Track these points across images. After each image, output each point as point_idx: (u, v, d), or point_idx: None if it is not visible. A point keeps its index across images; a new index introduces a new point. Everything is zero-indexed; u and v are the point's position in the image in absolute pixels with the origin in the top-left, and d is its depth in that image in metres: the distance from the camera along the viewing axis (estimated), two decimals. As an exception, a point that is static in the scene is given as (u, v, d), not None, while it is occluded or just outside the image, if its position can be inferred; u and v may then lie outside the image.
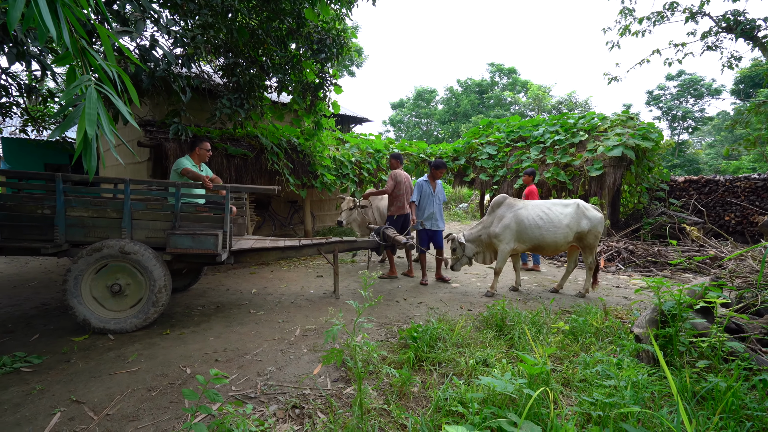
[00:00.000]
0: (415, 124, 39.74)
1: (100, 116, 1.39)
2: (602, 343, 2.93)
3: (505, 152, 9.00)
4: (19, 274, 5.70)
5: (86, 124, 1.33)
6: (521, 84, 34.22)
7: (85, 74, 1.44)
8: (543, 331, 3.17)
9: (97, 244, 3.29)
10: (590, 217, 4.41)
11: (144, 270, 3.38)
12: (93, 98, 1.36)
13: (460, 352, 2.79)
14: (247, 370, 2.70)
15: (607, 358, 2.22)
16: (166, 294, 3.44)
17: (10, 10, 1.16)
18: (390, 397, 2.24)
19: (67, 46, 1.38)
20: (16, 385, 2.47)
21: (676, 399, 1.26)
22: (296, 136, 7.01)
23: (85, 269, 3.28)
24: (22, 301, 4.33)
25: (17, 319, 3.76)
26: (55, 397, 2.33)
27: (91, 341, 3.18)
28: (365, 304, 2.06)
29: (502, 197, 4.60)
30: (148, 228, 3.54)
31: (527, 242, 4.46)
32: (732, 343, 2.06)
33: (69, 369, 2.70)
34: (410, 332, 2.89)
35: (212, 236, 3.48)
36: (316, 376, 2.60)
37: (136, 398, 2.31)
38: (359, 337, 3.16)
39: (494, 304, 3.51)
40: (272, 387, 2.45)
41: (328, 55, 5.88)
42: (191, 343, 3.18)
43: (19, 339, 3.24)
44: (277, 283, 5.28)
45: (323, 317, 3.81)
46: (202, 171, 4.26)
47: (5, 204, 3.31)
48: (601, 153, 7.67)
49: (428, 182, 5.36)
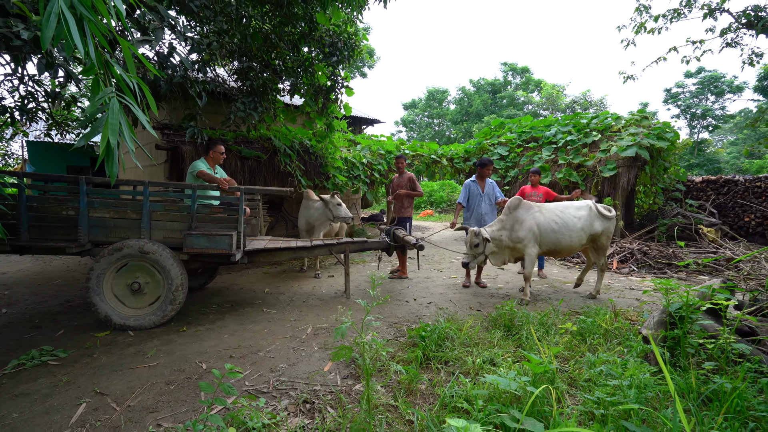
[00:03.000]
0: (428, 125, 39.66)
1: (121, 125, 1.48)
2: (610, 344, 2.93)
3: (517, 153, 8.96)
4: (43, 273, 5.95)
5: (109, 134, 1.42)
6: (534, 83, 33.84)
7: (108, 86, 1.54)
8: (551, 332, 3.18)
9: (118, 243, 3.43)
10: (603, 218, 4.38)
11: (162, 269, 3.51)
12: (115, 109, 1.46)
13: (468, 352, 2.83)
14: (260, 366, 2.80)
15: (612, 358, 2.23)
16: (182, 292, 3.56)
17: (44, 30, 1.26)
18: (398, 394, 2.30)
19: (92, 59, 1.48)
20: (44, 377, 2.61)
21: (674, 397, 1.29)
22: (308, 137, 7.13)
23: (107, 268, 3.43)
24: (48, 298, 4.53)
25: (43, 315, 3.94)
26: (80, 388, 2.46)
27: (112, 337, 3.32)
28: (373, 303, 2.12)
29: (518, 199, 4.50)
30: (166, 228, 3.67)
31: (543, 246, 4.41)
32: (739, 345, 2.05)
33: (92, 363, 2.84)
34: (419, 331, 2.94)
35: (227, 236, 3.60)
36: (327, 373, 2.68)
37: (156, 391, 2.42)
38: (369, 336, 3.23)
39: (503, 304, 3.54)
40: (284, 383, 2.53)
41: (339, 58, 5.97)
42: (207, 340, 3.29)
43: (45, 334, 3.41)
44: (290, 283, 5.39)
45: (334, 316, 3.89)
46: (216, 173, 4.39)
47: (32, 205, 3.48)
48: (614, 153, 7.58)
49: (476, 182, 5.23)
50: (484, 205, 5.15)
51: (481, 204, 5.16)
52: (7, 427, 2.07)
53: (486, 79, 35.80)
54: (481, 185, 5.23)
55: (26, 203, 3.41)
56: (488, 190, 5.21)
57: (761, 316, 3.02)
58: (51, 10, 1.28)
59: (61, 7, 1.30)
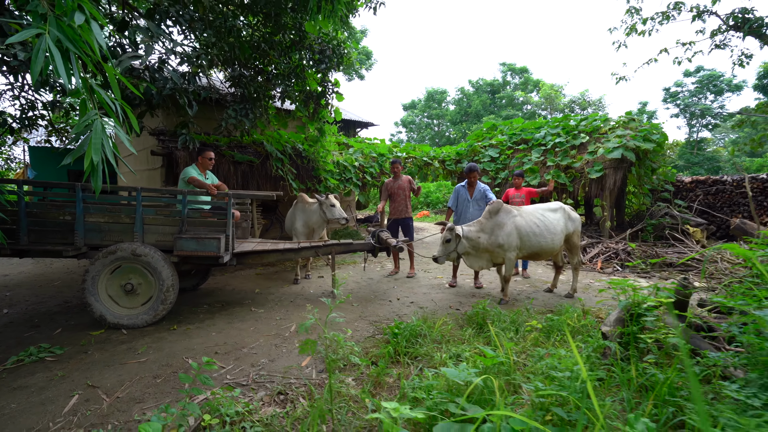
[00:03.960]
0: (427, 125, 39.85)
1: (104, 144, 1.67)
2: (575, 340, 3.10)
3: (507, 155, 9.12)
4: (44, 275, 6.17)
5: (92, 152, 1.61)
6: (533, 83, 33.97)
7: (93, 107, 1.73)
8: (520, 330, 3.35)
9: (112, 247, 3.63)
10: (573, 218, 4.55)
11: (154, 271, 3.70)
12: (98, 130, 1.65)
13: (438, 348, 3.00)
14: (243, 361, 2.99)
15: (557, 352, 2.40)
16: (173, 293, 3.76)
17: (33, 65, 1.45)
18: (366, 386, 2.48)
19: (78, 86, 1.67)
20: (41, 372, 2.81)
21: (586, 382, 1.46)
22: (301, 142, 7.32)
23: (102, 270, 3.63)
24: (47, 299, 4.74)
25: (42, 315, 4.15)
26: (74, 382, 2.66)
27: (106, 335, 3.52)
28: (337, 301, 2.30)
29: (499, 203, 4.52)
30: (158, 232, 3.87)
31: (525, 250, 4.44)
32: (672, 339, 2.22)
33: (86, 359, 3.03)
34: (392, 329, 3.12)
35: (215, 239, 3.79)
36: (304, 368, 2.87)
37: (143, 384, 2.62)
38: (349, 334, 3.42)
39: (477, 303, 3.72)
40: (263, 376, 2.72)
41: (328, 65, 6.15)
42: (195, 337, 3.49)
43: (43, 332, 3.61)
44: (280, 284, 5.58)
45: (317, 316, 4.07)
46: (207, 179, 4.59)
47: (32, 211, 3.69)
48: (601, 155, 7.74)
49: (465, 187, 5.36)
50: (471, 210, 5.28)
51: (469, 208, 5.30)
52: (5, 416, 2.26)
53: (485, 80, 35.96)
54: (470, 191, 5.38)
55: (25, 209, 3.61)
56: (477, 195, 5.32)
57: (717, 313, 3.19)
58: (39, 47, 1.47)
59: (48, 45, 1.49)
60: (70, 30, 1.60)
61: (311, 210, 5.59)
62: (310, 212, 5.60)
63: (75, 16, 1.60)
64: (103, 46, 1.64)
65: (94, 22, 1.67)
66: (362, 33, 21.98)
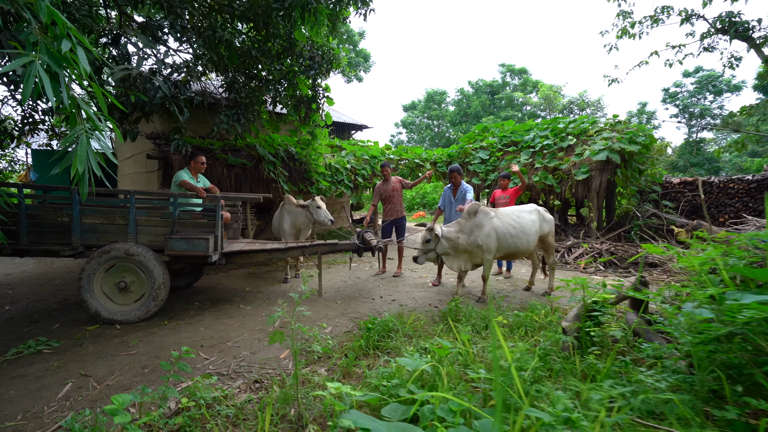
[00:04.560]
0: (427, 126, 40.03)
1: (89, 156, 1.89)
2: (537, 335, 3.29)
3: (497, 156, 9.31)
4: (45, 274, 6.41)
5: (78, 163, 1.83)
6: (532, 84, 34.08)
7: (79, 124, 1.94)
8: (489, 326, 3.54)
9: (107, 247, 3.86)
10: (548, 220, 4.73)
11: (146, 270, 3.93)
12: (83, 144, 1.87)
13: (408, 341, 3.20)
14: (226, 354, 3.20)
15: (516, 345, 2.60)
16: (164, 290, 3.98)
17: (24, 89, 1.67)
18: (335, 376, 2.68)
19: (65, 104, 1.88)
20: (38, 363, 3.04)
21: (510, 363, 1.66)
22: (293, 145, 7.53)
23: (97, 269, 3.85)
24: (47, 297, 4.98)
25: (42, 311, 4.38)
26: (68, 372, 2.88)
27: (101, 330, 3.74)
28: (303, 296, 2.50)
29: (477, 204, 4.64)
30: (150, 233, 4.09)
31: (502, 250, 4.60)
32: (614, 332, 2.41)
33: (81, 351, 3.26)
34: (366, 324, 3.33)
35: (204, 240, 4.01)
36: (282, 360, 3.08)
37: (132, 374, 2.83)
38: (327, 329, 3.63)
39: (450, 301, 3.91)
40: (243, 367, 2.93)
41: (318, 70, 6.36)
42: (184, 332, 3.70)
43: (42, 327, 3.84)
44: (270, 282, 5.80)
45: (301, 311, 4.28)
46: (198, 182, 4.81)
47: (32, 213, 3.92)
48: (587, 157, 7.91)
49: (450, 189, 5.55)
50: (454, 211, 5.46)
51: (453, 209, 5.49)
52: (5, 401, 2.49)
53: (484, 81, 36.11)
54: (453, 192, 5.57)
55: (25, 211, 3.84)
56: (459, 196, 5.49)
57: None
58: (30, 73, 1.69)
59: (38, 70, 1.71)
60: (59, 55, 1.81)
61: (298, 211, 5.81)
62: (296, 213, 5.82)
63: (63, 43, 1.81)
64: (88, 69, 1.85)
65: (80, 47, 1.88)
66: (360, 35, 22.21)
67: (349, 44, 21.80)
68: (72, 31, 1.88)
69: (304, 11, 3.88)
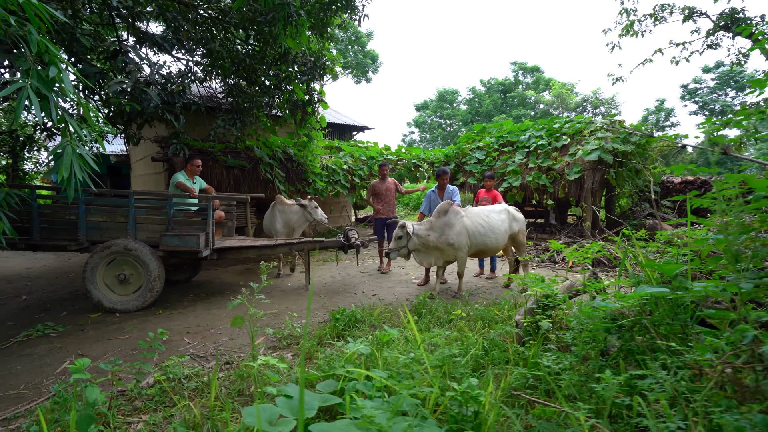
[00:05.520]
0: (439, 125, 40.05)
1: (73, 164, 2.23)
2: (494, 327, 3.51)
3: (493, 157, 9.45)
4: (61, 268, 6.94)
5: (63, 170, 2.17)
6: (545, 82, 33.67)
7: (65, 138, 2.29)
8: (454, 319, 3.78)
9: (108, 242, 4.26)
10: (518, 219, 4.91)
11: (143, 263, 4.31)
12: (68, 154, 2.21)
13: (371, 331, 3.47)
14: (208, 339, 3.54)
15: (465, 336, 2.84)
16: (159, 283, 4.36)
17: (17, 111, 2.02)
18: (296, 360, 2.98)
19: (54, 122, 2.23)
20: (44, 344, 3.44)
21: (419, 346, 1.92)
22: (291, 146, 7.88)
23: (99, 262, 4.26)
24: (60, 288, 5.45)
25: (54, 301, 4.84)
26: (68, 352, 3.27)
27: (102, 318, 4.15)
28: (262, 284, 2.80)
29: (447, 204, 4.82)
30: (148, 230, 4.48)
31: (472, 248, 4.77)
32: (543, 324, 2.62)
33: (82, 335, 3.65)
34: (334, 315, 3.61)
35: (195, 236, 4.37)
36: (258, 345, 3.39)
37: (122, 354, 3.20)
38: (305, 320, 3.93)
39: (418, 295, 4.16)
40: (220, 351, 3.26)
41: (311, 75, 6.68)
42: (175, 320, 4.07)
43: (52, 315, 4.27)
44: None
45: (285, 305, 4.61)
46: (195, 183, 5.19)
47: (43, 212, 4.35)
48: (579, 157, 7.99)
49: (436, 192, 5.75)
50: None
51: None
52: (12, 374, 2.88)
53: (496, 79, 35.88)
54: (440, 194, 5.77)
55: (38, 210, 4.28)
56: (446, 197, 5.67)
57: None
58: (22, 97, 2.03)
59: (29, 94, 2.05)
60: (47, 80, 2.16)
61: (291, 211, 6.12)
62: (289, 213, 6.13)
63: (50, 69, 2.16)
64: (71, 90, 2.19)
65: (66, 71, 2.22)
66: (368, 36, 22.50)
67: (357, 45, 22.12)
68: (59, 58, 2.22)
69: (286, 23, 4.18)
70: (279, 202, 6.21)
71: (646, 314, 2.27)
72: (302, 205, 6.05)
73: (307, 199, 6.15)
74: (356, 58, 21.88)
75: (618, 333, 2.22)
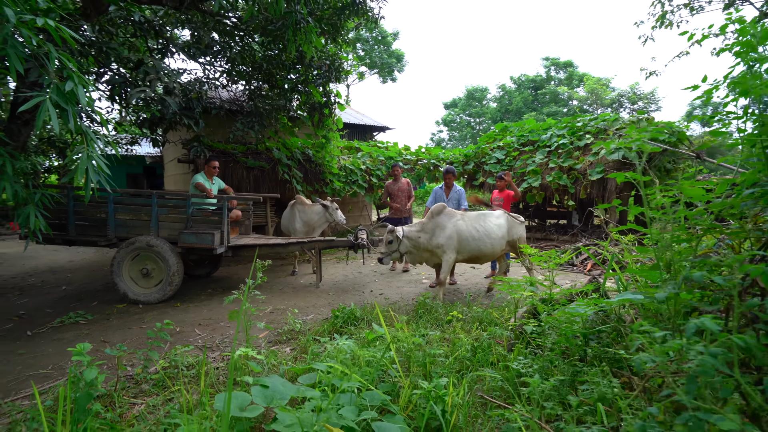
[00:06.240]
0: (467, 124, 39.50)
1: (88, 168, 2.48)
2: (488, 330, 3.52)
3: (513, 156, 9.28)
4: (99, 262, 7.52)
5: (78, 174, 2.42)
6: (578, 77, 32.44)
7: (82, 144, 2.54)
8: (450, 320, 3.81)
9: (132, 239, 4.61)
10: (518, 225, 4.82)
11: (163, 259, 4.63)
12: (83, 159, 2.46)
13: (368, 327, 3.58)
14: (216, 331, 3.78)
15: (456, 337, 2.88)
16: (178, 277, 4.66)
17: (37, 121, 2.27)
18: (296, 353, 3.13)
19: (72, 130, 2.49)
20: (74, 330, 3.80)
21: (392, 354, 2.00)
22: (310, 147, 8.10)
23: (125, 257, 4.62)
24: (95, 281, 5.93)
25: (88, 291, 5.28)
26: (93, 338, 3.60)
27: (126, 308, 4.50)
28: (257, 281, 2.96)
29: (441, 206, 4.71)
30: (169, 228, 4.80)
31: (465, 253, 4.63)
32: (527, 327, 2.62)
33: (107, 324, 3.99)
34: (335, 312, 3.75)
35: (210, 234, 4.64)
36: (260, 339, 3.58)
37: (138, 342, 3.48)
38: (311, 316, 4.09)
39: (419, 296, 4.22)
40: (225, 342, 3.48)
41: (326, 78, 6.85)
42: (190, 312, 4.35)
43: (85, 304, 4.68)
44: (280, 274, 6.40)
45: (293, 301, 4.80)
46: (213, 184, 5.48)
47: (78, 210, 4.76)
48: (602, 156, 7.72)
49: (442, 189, 5.79)
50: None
51: None
52: (43, 356, 3.22)
53: (527, 76, 34.94)
54: (446, 192, 5.81)
55: (73, 208, 4.70)
56: (453, 197, 5.71)
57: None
58: (42, 110, 2.29)
59: (48, 107, 2.31)
60: (65, 95, 2.41)
61: (312, 211, 6.30)
62: (310, 213, 6.32)
63: (67, 84, 2.41)
64: (84, 102, 2.44)
65: (80, 86, 2.47)
66: (393, 36, 22.55)
67: (382, 45, 22.23)
68: (76, 73, 2.47)
69: (295, 30, 4.35)
70: (299, 202, 6.42)
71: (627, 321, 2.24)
72: (324, 205, 6.23)
73: (328, 200, 6.33)
74: (381, 58, 22.01)
75: (597, 338, 2.20)
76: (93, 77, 4.24)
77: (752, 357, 1.12)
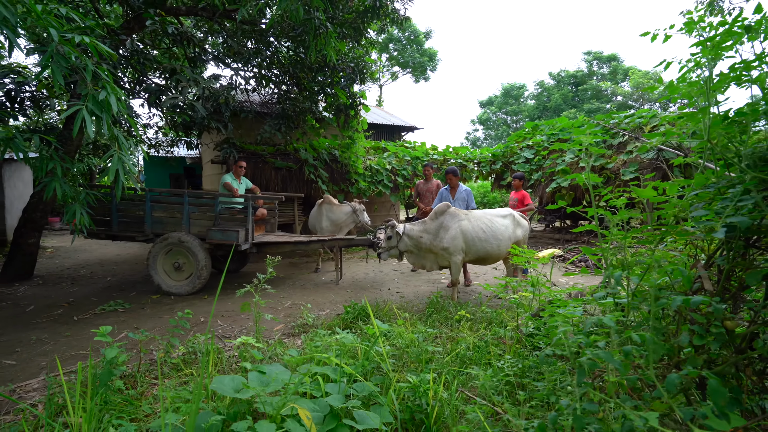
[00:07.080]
0: (503, 122, 38.57)
1: (119, 169, 2.75)
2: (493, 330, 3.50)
3: (543, 156, 9.02)
4: (141, 256, 8.12)
5: (110, 174, 2.69)
6: (623, 72, 30.72)
7: (114, 149, 2.82)
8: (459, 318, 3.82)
9: (165, 235, 4.98)
10: (523, 225, 4.68)
11: (193, 254, 4.97)
12: (115, 161, 2.73)
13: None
14: (236, 323, 4.02)
15: (459, 336, 2.91)
16: (206, 271, 4.98)
17: (75, 128, 2.56)
18: (305, 345, 3.29)
19: (106, 135, 2.77)
20: (112, 317, 4.18)
21: (382, 349, 2.08)
22: (337, 147, 8.31)
23: (159, 252, 5.00)
24: (137, 273, 6.44)
25: (129, 283, 5.75)
26: (128, 324, 3.94)
27: (160, 299, 4.87)
28: (267, 276, 3.13)
29: (445, 205, 4.60)
30: (199, 225, 5.14)
31: (471, 255, 4.50)
32: (525, 328, 2.59)
33: (141, 312, 4.35)
34: (346, 308, 3.87)
35: (235, 231, 4.92)
36: (275, 331, 3.78)
37: (166, 329, 3.77)
38: (327, 311, 4.24)
39: (432, 294, 4.25)
40: (243, 333, 3.70)
41: (350, 80, 7.01)
42: (216, 305, 4.64)
43: (124, 294, 5.11)
44: (304, 271, 6.64)
45: (312, 297, 4.98)
46: (241, 183, 5.79)
47: (120, 208, 5.21)
48: (637, 155, 7.34)
49: (448, 189, 5.74)
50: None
51: None
52: (85, 339, 3.58)
53: (567, 71, 33.60)
54: (451, 192, 5.67)
55: (116, 206, 5.14)
56: (459, 197, 5.57)
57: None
58: (78, 117, 2.57)
59: (84, 115, 2.59)
60: (99, 104, 2.69)
61: (341, 211, 6.49)
62: (338, 213, 6.51)
63: (100, 93, 2.69)
64: (116, 109, 2.71)
65: (112, 95, 2.75)
66: (426, 35, 22.46)
67: (415, 44, 22.22)
68: (109, 84, 2.75)
69: (315, 35, 4.53)
70: (327, 202, 6.62)
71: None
72: (353, 207, 6.42)
73: (355, 202, 6.51)
74: (414, 58, 22.01)
75: (591, 342, 2.16)
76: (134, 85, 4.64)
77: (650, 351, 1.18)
